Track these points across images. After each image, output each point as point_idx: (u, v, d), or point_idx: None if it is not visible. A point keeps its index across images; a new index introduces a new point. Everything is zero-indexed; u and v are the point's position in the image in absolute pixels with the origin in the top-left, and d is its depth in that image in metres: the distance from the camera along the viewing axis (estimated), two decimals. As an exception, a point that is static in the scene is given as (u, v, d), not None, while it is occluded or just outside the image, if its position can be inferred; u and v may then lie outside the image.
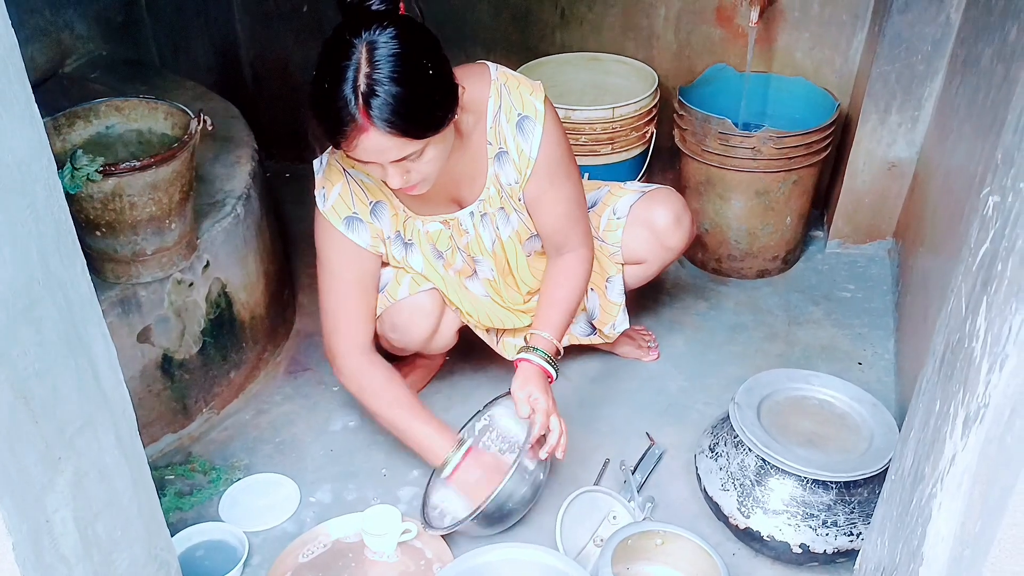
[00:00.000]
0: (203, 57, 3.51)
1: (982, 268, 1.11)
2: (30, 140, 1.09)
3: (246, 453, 2.42)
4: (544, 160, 2.12)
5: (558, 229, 2.22)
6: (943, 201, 2.42)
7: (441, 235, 2.21)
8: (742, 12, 3.05)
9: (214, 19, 3.47)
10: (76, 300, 1.22)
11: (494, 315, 2.35)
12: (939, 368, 1.25)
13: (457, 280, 2.30)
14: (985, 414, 0.98)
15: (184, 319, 2.34)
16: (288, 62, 3.58)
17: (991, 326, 1.02)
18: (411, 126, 1.80)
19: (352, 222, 2.12)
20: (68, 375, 1.20)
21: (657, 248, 2.39)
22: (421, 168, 1.89)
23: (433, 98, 1.83)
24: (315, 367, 2.70)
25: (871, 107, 2.87)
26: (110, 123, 2.22)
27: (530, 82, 2.12)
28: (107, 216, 2.06)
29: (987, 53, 2.21)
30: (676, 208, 2.38)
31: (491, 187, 2.16)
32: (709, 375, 2.65)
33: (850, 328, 2.83)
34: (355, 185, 2.12)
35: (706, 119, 2.80)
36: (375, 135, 1.78)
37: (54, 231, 1.16)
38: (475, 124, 2.09)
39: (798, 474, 2.00)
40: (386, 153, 1.82)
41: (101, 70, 2.96)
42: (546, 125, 2.10)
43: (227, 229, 2.43)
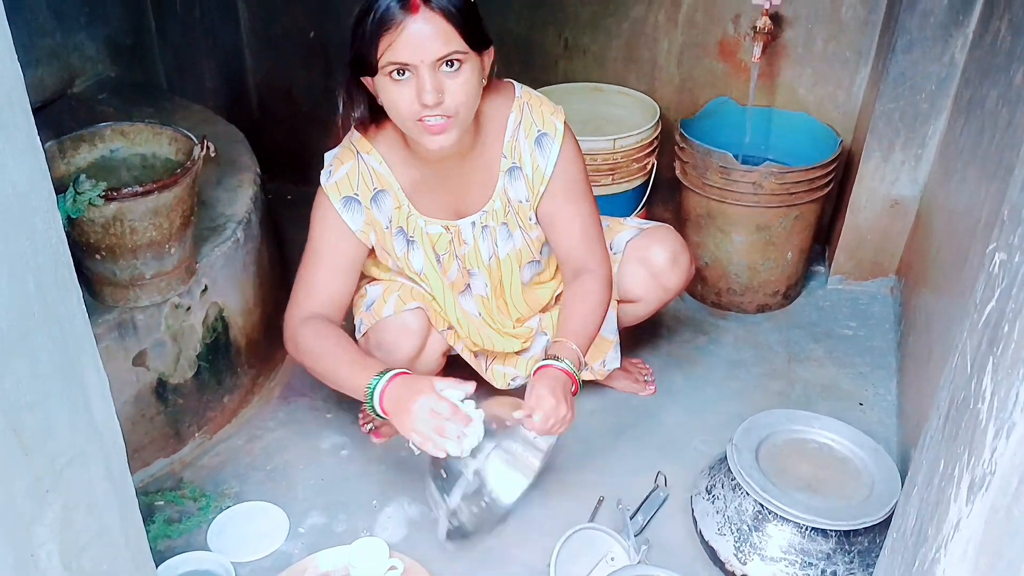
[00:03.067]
0: (210, 80, 3.53)
1: (988, 327, 1.09)
2: (31, 172, 1.08)
3: (237, 480, 2.39)
4: (560, 177, 2.14)
5: (575, 248, 2.21)
6: (947, 242, 2.41)
7: (441, 239, 2.19)
8: (745, 47, 3.05)
9: (222, 43, 3.49)
10: (71, 331, 1.21)
11: (484, 335, 2.33)
12: (943, 426, 1.23)
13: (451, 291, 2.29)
14: (991, 482, 0.97)
15: (180, 343, 2.33)
16: (293, 86, 3.60)
17: (997, 389, 1.00)
18: (458, 15, 1.83)
19: (350, 203, 2.11)
20: (61, 407, 1.19)
21: (654, 287, 2.38)
22: (454, 91, 1.87)
23: (478, 15, 1.89)
24: (310, 393, 2.68)
25: (874, 144, 2.86)
26: (114, 147, 2.23)
27: (552, 104, 2.15)
28: (107, 240, 2.06)
29: (992, 95, 2.20)
30: (674, 247, 2.37)
31: (497, 200, 2.17)
32: (707, 411, 2.63)
33: (851, 367, 2.81)
34: (364, 168, 2.10)
35: (708, 152, 2.79)
36: (424, 16, 1.80)
37: (52, 262, 1.15)
38: (493, 135, 2.11)
39: (797, 521, 1.98)
40: (430, 43, 1.81)
41: (109, 92, 2.97)
42: (564, 144, 2.13)
43: (227, 254, 2.42)
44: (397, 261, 2.21)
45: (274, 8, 3.45)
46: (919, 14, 2.62)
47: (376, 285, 2.28)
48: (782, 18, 2.95)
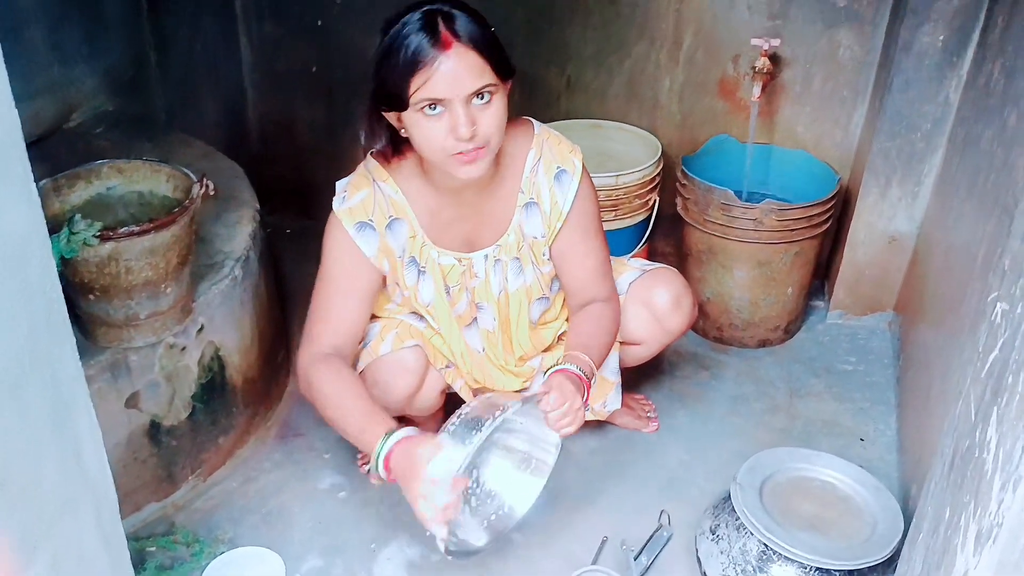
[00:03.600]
0: (211, 114, 3.51)
1: (991, 377, 1.08)
2: (26, 218, 1.07)
3: (231, 524, 2.35)
4: (577, 214, 2.15)
5: (587, 283, 2.22)
6: (944, 279, 2.42)
7: (453, 270, 2.17)
8: (744, 86, 3.08)
9: (224, 77, 3.49)
10: (64, 379, 1.19)
11: (485, 371, 2.32)
12: (948, 473, 1.22)
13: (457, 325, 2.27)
14: (999, 534, 0.95)
15: (174, 384, 2.29)
16: (295, 121, 3.61)
17: (1003, 441, 0.99)
18: (490, 48, 1.84)
19: (364, 228, 2.08)
20: (51, 456, 1.16)
21: (656, 330, 2.37)
22: (487, 122, 1.87)
23: (500, 43, 1.89)
24: (307, 432, 2.65)
25: (872, 181, 2.88)
26: (111, 184, 2.19)
27: (570, 143, 2.17)
28: (102, 280, 2.02)
29: (987, 135, 2.22)
30: (677, 290, 2.36)
31: (512, 234, 2.16)
32: (710, 448, 2.61)
33: (852, 402, 2.81)
34: (380, 196, 2.09)
35: (709, 189, 2.81)
36: (457, 52, 1.80)
37: (45, 309, 1.14)
38: (512, 169, 2.12)
39: (801, 561, 1.97)
40: (465, 78, 1.81)
41: (107, 125, 2.94)
42: (582, 181, 2.15)
43: (224, 292, 2.39)
44: (405, 291, 2.19)
45: (277, 43, 3.46)
46: (915, 55, 2.65)
47: (374, 322, 2.26)
48: (780, 58, 2.98)
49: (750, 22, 2.98)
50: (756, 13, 2.96)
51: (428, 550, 2.28)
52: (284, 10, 3.38)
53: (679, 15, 3.04)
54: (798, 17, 2.93)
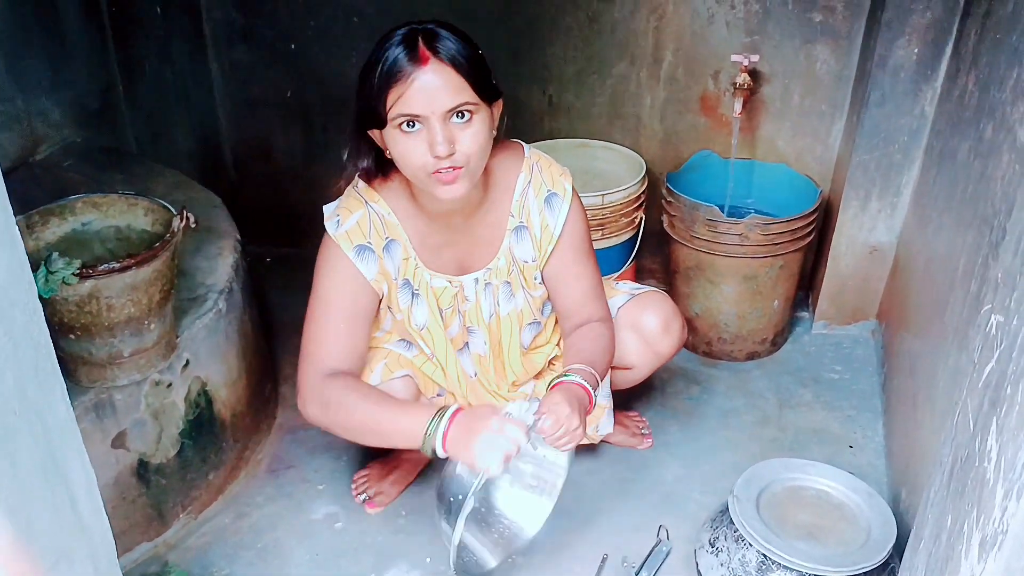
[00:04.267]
0: (183, 143, 3.48)
1: (988, 387, 1.09)
2: (9, 264, 1.05)
3: (226, 561, 2.31)
4: (568, 236, 2.15)
5: (581, 305, 2.20)
6: (926, 288, 2.44)
7: (445, 292, 2.15)
8: (725, 102, 3.10)
9: (195, 105, 3.45)
10: (54, 426, 1.17)
11: (479, 397, 2.31)
12: (948, 482, 1.22)
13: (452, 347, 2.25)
14: (1003, 541, 0.96)
15: (161, 421, 2.25)
16: (271, 148, 3.58)
17: (1004, 450, 1.00)
18: (468, 66, 1.83)
19: (363, 251, 2.05)
20: (44, 507, 1.14)
21: (647, 354, 2.36)
22: (466, 141, 1.85)
23: (486, 66, 1.89)
24: (298, 464, 2.62)
25: (852, 194, 2.91)
26: (87, 219, 2.15)
27: (560, 166, 2.16)
28: (83, 319, 1.98)
29: (963, 148, 2.25)
30: (666, 313, 2.35)
31: (502, 258, 2.15)
32: (704, 462, 2.62)
33: (839, 410, 2.83)
34: (375, 217, 2.06)
35: (695, 206, 2.82)
36: (433, 68, 1.80)
37: (32, 356, 1.12)
38: (502, 193, 2.11)
39: (800, 570, 1.99)
40: (440, 94, 1.80)
41: (75, 158, 2.89)
42: (573, 204, 2.15)
43: (208, 326, 2.36)
44: (398, 315, 2.16)
45: (250, 69, 3.42)
46: (890, 69, 2.68)
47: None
48: (760, 74, 3.00)
49: (728, 39, 3.00)
50: (734, 29, 2.98)
51: (428, 573, 2.27)
52: (256, 35, 3.35)
53: (659, 33, 3.06)
54: (775, 33, 2.95)
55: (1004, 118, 1.90)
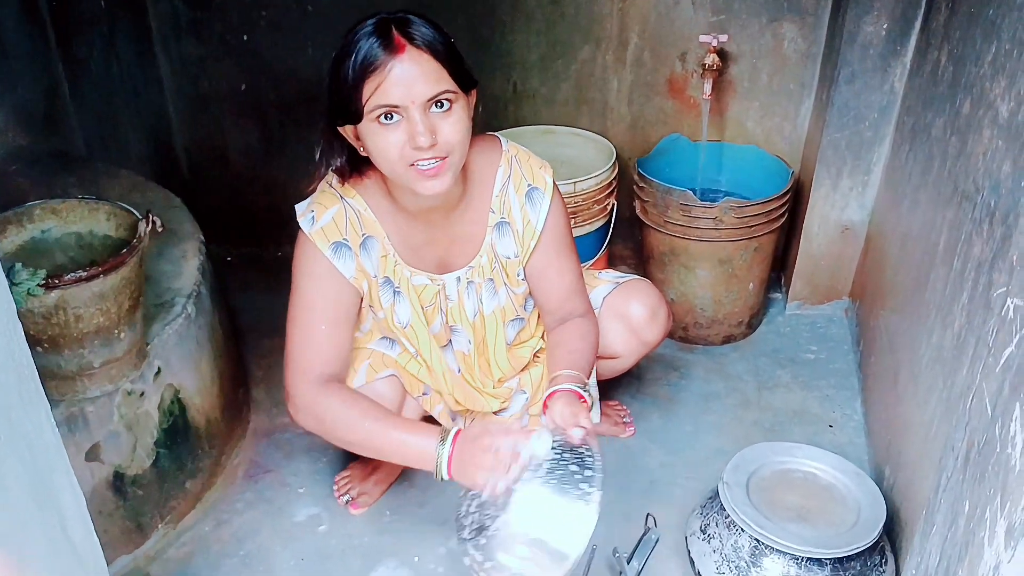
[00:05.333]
0: (135, 145, 3.36)
1: (1008, 371, 1.07)
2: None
3: (209, 570, 2.27)
4: (551, 231, 2.12)
5: (564, 300, 2.18)
6: (903, 265, 2.44)
7: (427, 290, 2.11)
8: (693, 84, 3.09)
9: (145, 105, 3.34)
10: (41, 450, 1.13)
11: (465, 394, 2.26)
12: (963, 467, 1.20)
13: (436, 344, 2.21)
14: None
15: (136, 432, 2.20)
16: (226, 145, 3.48)
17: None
18: (446, 53, 1.77)
19: (340, 248, 1.98)
20: (35, 534, 1.10)
21: (633, 342, 2.34)
22: (447, 131, 1.79)
23: (460, 55, 1.83)
24: (276, 468, 2.58)
25: (823, 173, 2.91)
26: (46, 227, 2.06)
27: (539, 159, 2.12)
28: (50, 331, 1.91)
29: (938, 123, 2.24)
30: (652, 301, 2.33)
31: (484, 255, 2.11)
32: (688, 448, 2.62)
33: (817, 390, 2.85)
34: (351, 213, 2.00)
35: (667, 191, 2.80)
36: (411, 56, 1.74)
37: (16, 380, 1.07)
38: (481, 188, 2.06)
39: (793, 553, 2.00)
40: (420, 82, 1.74)
41: (23, 163, 2.76)
42: (554, 198, 2.11)
43: (179, 331, 2.30)
44: (380, 313, 2.11)
45: (201, 64, 3.32)
46: (859, 46, 2.67)
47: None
48: (728, 54, 2.99)
49: (695, 19, 2.98)
50: (700, 9, 2.96)
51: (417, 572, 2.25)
52: (204, 27, 3.25)
53: (624, 15, 3.03)
54: (742, 11, 2.94)
55: (983, 93, 1.89)
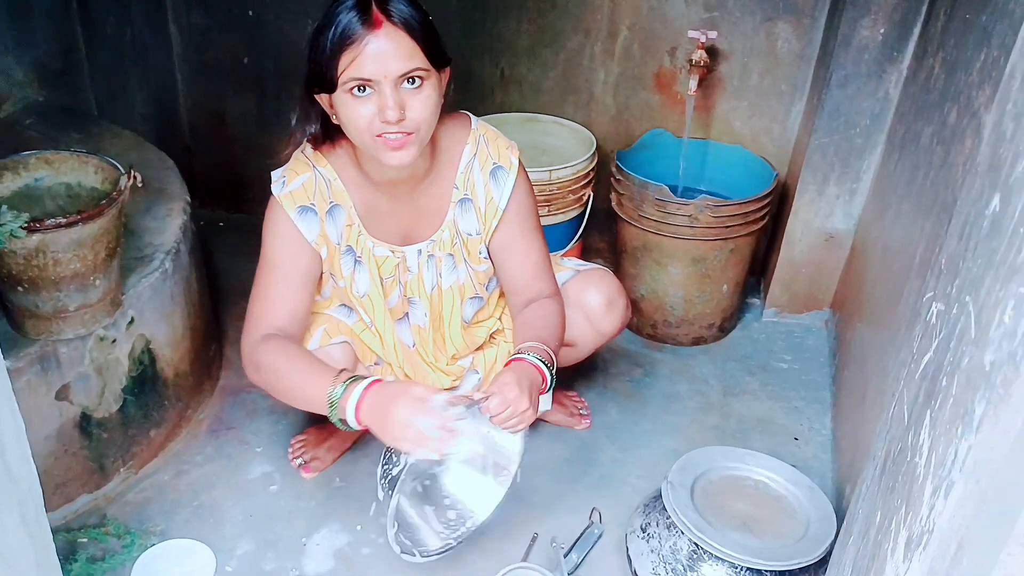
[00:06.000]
0: (141, 106, 3.48)
1: (925, 379, 1.08)
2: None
3: (163, 517, 2.32)
4: (514, 209, 2.14)
5: (529, 281, 2.19)
6: (881, 277, 2.42)
7: (387, 262, 2.15)
8: (681, 80, 3.07)
9: (153, 69, 3.44)
10: (-19, 372, 1.16)
11: (416, 367, 2.29)
12: (879, 477, 1.22)
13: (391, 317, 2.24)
14: (929, 540, 0.95)
15: (105, 376, 2.27)
16: (226, 113, 3.56)
17: (935, 445, 0.99)
18: (422, 31, 1.82)
19: (305, 212, 2.04)
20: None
21: (589, 331, 2.34)
22: (416, 107, 1.84)
23: (436, 32, 1.87)
24: (238, 426, 2.62)
25: (809, 178, 2.88)
26: (39, 175, 2.17)
27: (507, 140, 2.15)
28: (30, 272, 2.00)
29: (926, 132, 2.22)
30: (610, 292, 2.33)
31: (446, 230, 2.14)
32: (643, 446, 2.61)
33: (786, 401, 2.81)
34: (321, 182, 2.05)
35: (643, 185, 2.79)
36: (387, 32, 1.78)
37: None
38: (447, 164, 2.10)
39: (732, 561, 1.96)
40: (393, 58, 1.79)
41: (36, 116, 2.91)
42: (518, 178, 2.13)
43: (154, 285, 2.37)
44: (340, 281, 2.15)
45: (207, 34, 3.40)
46: (854, 49, 2.65)
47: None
48: (718, 51, 2.98)
49: (687, 14, 2.97)
50: (693, 4, 2.95)
51: (358, 540, 2.28)
52: (213, 0, 3.34)
53: (614, 7, 3.03)
54: (735, 9, 2.92)
55: (969, 102, 1.88)
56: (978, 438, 0.87)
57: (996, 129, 0.98)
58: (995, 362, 0.86)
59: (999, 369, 0.84)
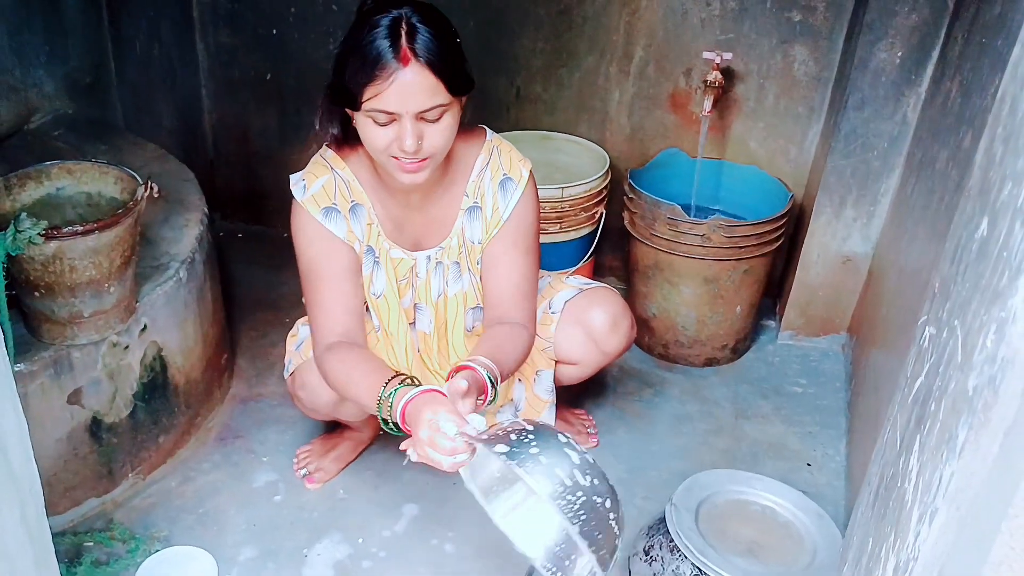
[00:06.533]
0: (167, 119, 3.54)
1: (916, 403, 1.08)
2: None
3: (167, 523, 2.34)
4: (514, 223, 2.14)
5: (504, 299, 2.16)
6: (896, 302, 2.40)
7: (402, 264, 2.17)
8: (696, 100, 3.06)
9: (180, 85, 3.50)
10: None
11: (422, 375, 2.29)
12: (873, 503, 1.21)
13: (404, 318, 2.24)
14: (914, 568, 0.94)
15: (117, 382, 2.30)
16: (248, 127, 3.59)
17: (923, 470, 0.98)
18: (446, 69, 1.84)
19: (330, 212, 2.07)
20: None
21: (592, 351, 2.32)
22: (434, 137, 1.88)
23: (462, 60, 1.91)
24: (246, 435, 2.64)
25: (825, 200, 2.86)
26: (61, 185, 2.23)
27: (521, 155, 2.16)
28: (46, 278, 2.05)
29: (942, 156, 2.20)
30: (614, 311, 2.31)
31: (455, 237, 2.16)
32: (650, 468, 2.58)
33: (800, 425, 2.77)
34: (340, 183, 2.08)
35: (656, 204, 2.78)
36: (413, 70, 1.81)
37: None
38: (460, 174, 2.12)
39: None
40: (417, 96, 1.82)
41: (65, 128, 2.97)
42: (526, 192, 2.14)
43: (168, 293, 2.40)
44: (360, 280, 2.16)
45: (233, 51, 3.45)
46: (871, 72, 2.64)
47: (306, 324, 2.27)
48: (734, 72, 2.97)
49: (702, 35, 2.97)
50: (708, 26, 2.95)
51: (358, 552, 2.28)
52: (240, 19, 3.39)
53: (630, 28, 3.04)
54: (752, 31, 2.92)
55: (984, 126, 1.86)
56: (960, 464, 0.87)
57: (987, 153, 0.98)
58: (977, 387, 0.85)
59: (980, 394, 0.84)
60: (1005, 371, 0.79)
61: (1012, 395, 0.77)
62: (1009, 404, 0.78)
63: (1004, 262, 0.84)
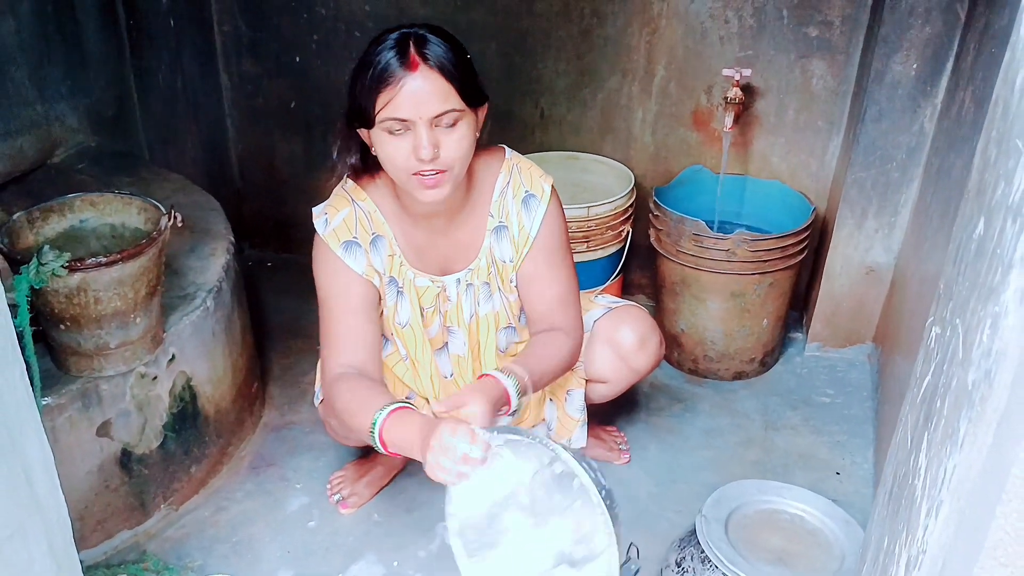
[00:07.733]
0: (191, 150, 3.55)
1: (924, 402, 1.08)
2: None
3: (201, 553, 2.35)
4: (543, 240, 2.15)
5: (550, 312, 2.18)
6: (918, 311, 2.39)
7: (428, 292, 2.18)
8: (718, 117, 3.09)
9: (204, 115, 3.53)
10: (12, 405, 1.19)
11: None
12: (887, 501, 1.22)
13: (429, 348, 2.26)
14: (923, 561, 0.95)
15: (146, 413, 2.30)
16: (274, 156, 3.64)
17: (931, 466, 0.99)
18: (456, 73, 1.87)
19: (350, 246, 2.09)
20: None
21: (622, 369, 2.33)
22: (450, 146, 1.89)
23: (473, 71, 1.93)
24: (279, 463, 2.65)
25: (847, 212, 2.88)
26: (84, 217, 2.23)
27: (542, 170, 2.17)
28: (72, 310, 2.04)
29: (958, 165, 2.21)
30: (642, 329, 2.32)
31: (483, 258, 2.17)
32: (681, 481, 2.59)
33: (828, 435, 2.78)
34: (362, 215, 2.10)
35: (681, 220, 2.80)
36: (423, 74, 1.84)
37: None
38: (482, 194, 2.14)
39: None
40: (428, 100, 1.84)
41: (89, 161, 2.97)
42: (550, 207, 2.14)
43: (195, 323, 2.40)
44: (384, 310, 2.19)
45: (256, 80, 3.50)
46: (887, 85, 2.66)
47: None
48: (754, 88, 2.99)
49: (722, 53, 3.00)
50: (728, 44, 2.98)
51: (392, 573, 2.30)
52: (262, 48, 3.44)
53: (651, 48, 3.07)
54: (770, 48, 2.95)
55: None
56: (961, 457, 0.88)
57: (983, 155, 1.00)
58: (976, 381, 0.86)
59: (978, 388, 0.85)
60: (999, 364, 0.81)
61: (1003, 386, 0.79)
62: (1001, 395, 0.79)
63: (998, 259, 0.86)
